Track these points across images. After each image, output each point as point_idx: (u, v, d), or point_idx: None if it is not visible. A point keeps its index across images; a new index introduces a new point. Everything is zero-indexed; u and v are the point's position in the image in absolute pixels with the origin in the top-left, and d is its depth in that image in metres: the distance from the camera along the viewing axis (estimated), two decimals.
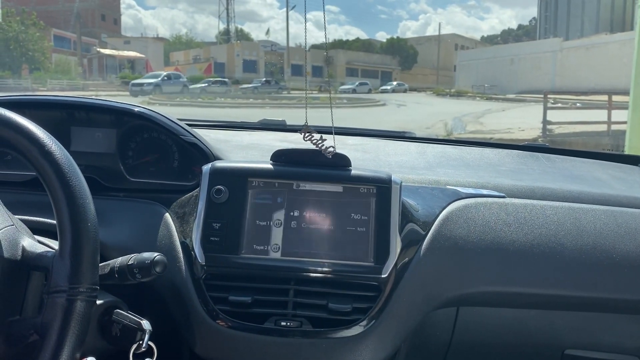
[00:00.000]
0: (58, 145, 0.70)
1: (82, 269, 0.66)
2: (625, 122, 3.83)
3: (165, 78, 28.74)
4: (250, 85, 30.14)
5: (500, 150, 1.56)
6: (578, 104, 15.48)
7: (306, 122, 0.98)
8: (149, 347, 0.78)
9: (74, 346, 0.65)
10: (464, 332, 1.14)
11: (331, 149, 0.98)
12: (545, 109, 11.99)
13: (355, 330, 0.92)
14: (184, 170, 1.17)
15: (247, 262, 0.94)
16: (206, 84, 29.19)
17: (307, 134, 0.97)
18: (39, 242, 0.77)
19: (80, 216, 0.67)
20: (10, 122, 0.69)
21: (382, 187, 0.97)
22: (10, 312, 0.69)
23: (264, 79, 33.36)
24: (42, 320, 0.66)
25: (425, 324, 1.06)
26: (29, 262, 0.70)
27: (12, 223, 0.73)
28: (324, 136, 0.99)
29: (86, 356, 0.69)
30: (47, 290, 0.67)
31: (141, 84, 27.10)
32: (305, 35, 1.05)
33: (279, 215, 0.96)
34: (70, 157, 0.70)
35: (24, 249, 0.71)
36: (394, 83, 39.51)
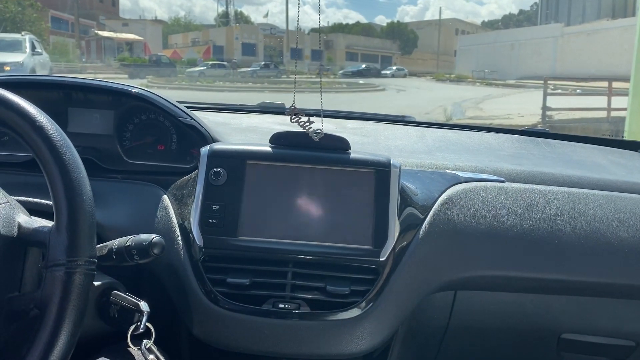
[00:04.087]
0: (50, 121, 0.69)
1: (80, 242, 0.66)
2: (625, 109, 3.82)
3: None
4: (249, 69, 29.89)
5: (500, 135, 1.55)
6: (578, 90, 15.42)
7: (293, 103, 0.97)
8: (147, 329, 0.79)
9: (75, 319, 0.65)
10: (461, 315, 1.14)
11: (319, 132, 0.97)
12: (545, 95, 11.95)
13: (353, 312, 0.92)
14: (182, 153, 1.17)
15: (245, 245, 0.94)
16: (205, 67, 28.78)
17: (293, 116, 0.96)
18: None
19: (75, 190, 0.67)
20: (2, 99, 0.68)
21: (381, 170, 0.97)
22: (9, 288, 0.69)
23: (263, 63, 33.11)
24: (41, 295, 0.66)
25: (423, 307, 1.06)
26: (25, 238, 0.70)
27: (6, 201, 0.73)
28: (312, 118, 0.98)
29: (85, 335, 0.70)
30: (45, 264, 0.67)
31: None
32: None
33: (278, 198, 0.96)
34: (63, 133, 0.70)
35: (19, 225, 0.70)
36: (394, 68, 39.23)
